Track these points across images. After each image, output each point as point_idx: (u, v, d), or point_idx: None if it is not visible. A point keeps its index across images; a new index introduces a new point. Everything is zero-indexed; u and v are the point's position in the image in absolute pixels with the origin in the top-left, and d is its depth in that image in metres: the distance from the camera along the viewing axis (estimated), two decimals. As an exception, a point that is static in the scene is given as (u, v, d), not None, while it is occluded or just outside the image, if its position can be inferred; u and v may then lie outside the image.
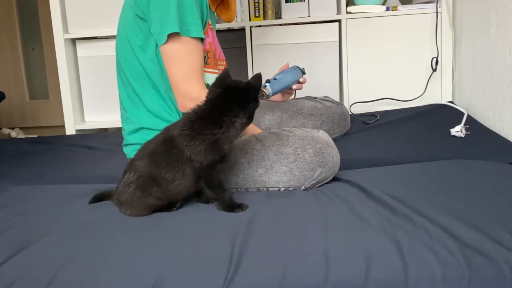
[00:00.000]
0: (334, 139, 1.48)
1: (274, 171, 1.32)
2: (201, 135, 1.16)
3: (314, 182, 1.32)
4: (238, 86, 1.18)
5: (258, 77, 1.19)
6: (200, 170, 1.18)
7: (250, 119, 1.20)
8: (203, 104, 1.20)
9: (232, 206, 1.20)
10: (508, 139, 1.68)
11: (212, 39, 1.51)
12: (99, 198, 1.31)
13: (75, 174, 1.67)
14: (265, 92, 1.50)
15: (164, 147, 1.19)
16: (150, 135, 1.40)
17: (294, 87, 1.67)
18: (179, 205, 1.23)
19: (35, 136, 2.83)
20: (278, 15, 2.47)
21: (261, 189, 1.34)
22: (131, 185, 1.19)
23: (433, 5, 2.28)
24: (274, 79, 1.56)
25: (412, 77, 2.36)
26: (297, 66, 1.70)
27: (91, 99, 2.50)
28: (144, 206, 1.21)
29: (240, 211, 1.19)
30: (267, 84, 1.53)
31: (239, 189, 1.35)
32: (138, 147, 1.40)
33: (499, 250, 0.92)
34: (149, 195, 1.19)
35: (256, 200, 1.25)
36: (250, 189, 1.35)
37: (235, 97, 1.17)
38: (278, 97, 1.71)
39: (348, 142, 1.75)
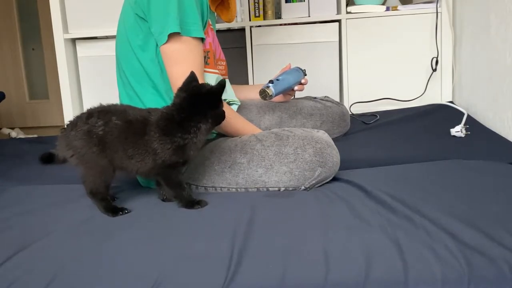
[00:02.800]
0: (334, 139, 1.48)
1: (274, 171, 1.32)
2: (172, 136, 1.19)
3: (314, 182, 1.32)
4: (201, 92, 1.22)
5: (221, 84, 1.22)
6: (160, 167, 1.21)
7: (214, 124, 1.24)
8: (171, 107, 1.22)
9: (191, 203, 1.24)
10: (508, 139, 1.68)
11: (212, 39, 1.51)
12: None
13: (75, 174, 1.67)
14: (268, 93, 1.50)
15: (137, 128, 1.20)
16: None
17: (295, 88, 1.67)
18: (126, 211, 1.23)
19: (35, 136, 2.83)
20: (278, 15, 2.47)
21: (261, 189, 1.34)
22: (97, 133, 1.20)
23: (433, 5, 2.28)
24: (277, 79, 1.56)
25: (412, 77, 2.36)
26: (298, 67, 1.70)
27: (91, 99, 2.50)
28: (100, 165, 1.22)
29: (199, 207, 1.22)
30: (270, 84, 1.53)
31: (239, 189, 1.35)
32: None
33: (499, 250, 0.92)
34: (108, 155, 1.20)
35: (256, 200, 1.25)
36: (250, 189, 1.35)
37: (199, 103, 1.21)
38: (279, 97, 1.71)
39: (348, 142, 1.75)
